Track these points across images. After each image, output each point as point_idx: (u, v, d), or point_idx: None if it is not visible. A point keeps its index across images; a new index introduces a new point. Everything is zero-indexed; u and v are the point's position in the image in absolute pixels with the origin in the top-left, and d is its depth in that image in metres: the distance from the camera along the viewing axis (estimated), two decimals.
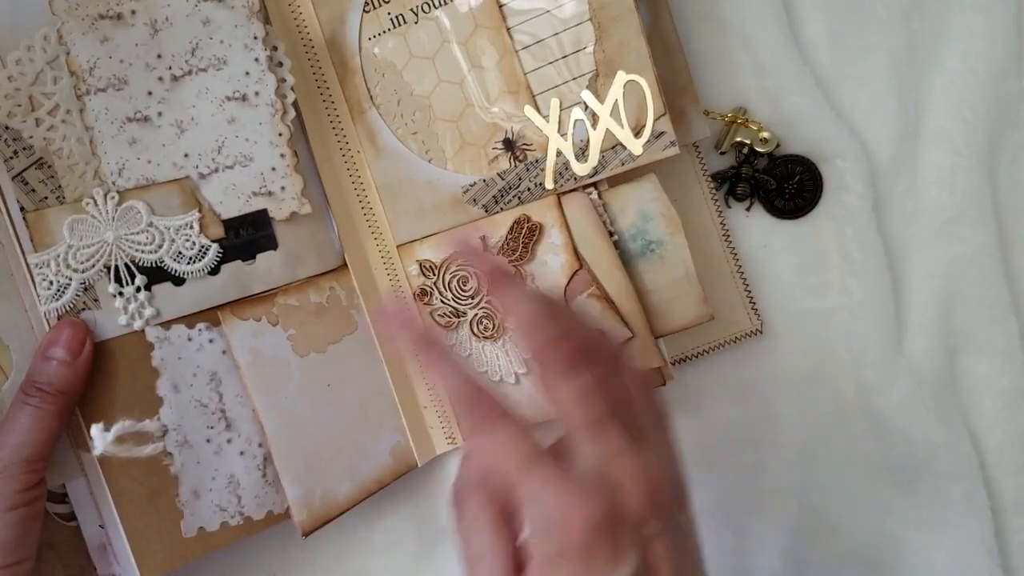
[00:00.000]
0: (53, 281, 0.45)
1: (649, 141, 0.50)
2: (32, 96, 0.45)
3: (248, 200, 0.49)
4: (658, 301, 0.52)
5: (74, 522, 0.47)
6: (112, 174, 0.46)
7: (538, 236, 0.52)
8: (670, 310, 0.52)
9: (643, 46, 0.50)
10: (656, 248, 0.52)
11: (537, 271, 0.52)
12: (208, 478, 0.47)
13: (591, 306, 0.51)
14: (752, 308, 0.55)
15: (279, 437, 0.48)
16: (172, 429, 0.46)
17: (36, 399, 0.43)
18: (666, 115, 0.50)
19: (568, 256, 0.51)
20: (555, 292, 0.51)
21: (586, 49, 0.50)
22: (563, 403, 0.37)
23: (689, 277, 0.51)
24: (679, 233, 0.51)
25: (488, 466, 0.38)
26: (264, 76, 0.49)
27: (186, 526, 0.46)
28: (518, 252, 0.52)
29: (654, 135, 0.50)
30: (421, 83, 0.52)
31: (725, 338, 0.55)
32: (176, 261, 0.47)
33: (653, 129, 0.50)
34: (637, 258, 0.52)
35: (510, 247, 0.52)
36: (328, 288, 0.52)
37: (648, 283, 0.52)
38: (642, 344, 0.51)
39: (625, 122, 0.50)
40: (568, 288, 0.51)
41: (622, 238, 0.52)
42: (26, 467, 0.43)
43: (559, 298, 0.51)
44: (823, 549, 0.56)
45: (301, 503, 0.48)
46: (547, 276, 0.52)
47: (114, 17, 0.46)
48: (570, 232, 0.51)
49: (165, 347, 0.46)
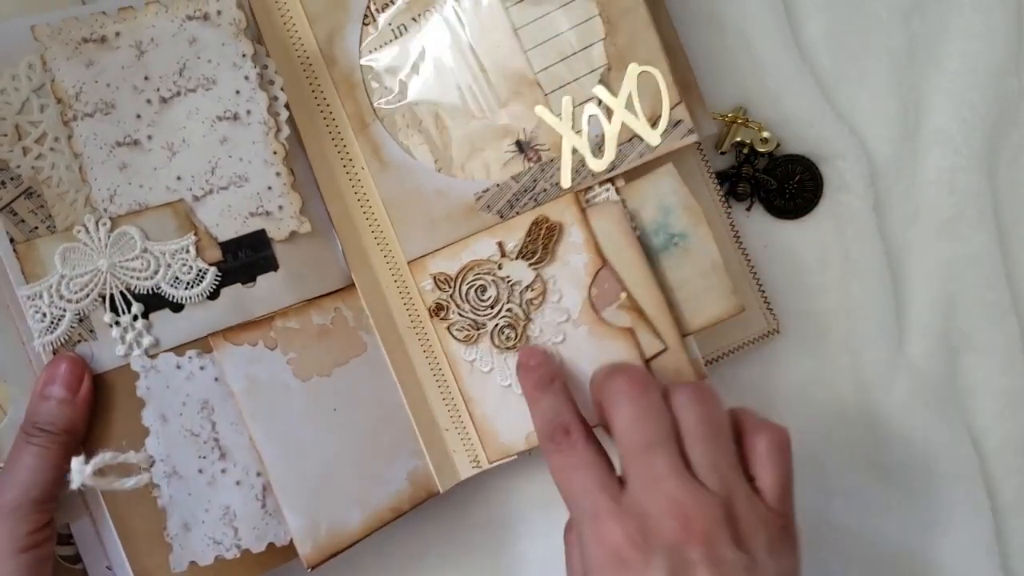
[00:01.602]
0: (46, 313, 0.43)
1: (666, 131, 0.48)
2: (19, 125, 0.44)
3: (245, 221, 0.47)
4: (686, 296, 0.50)
5: (80, 565, 0.45)
6: (103, 200, 0.45)
7: (558, 236, 0.50)
8: (699, 305, 0.49)
9: (654, 37, 0.48)
10: (679, 241, 0.49)
11: (559, 273, 0.50)
12: (201, 510, 0.45)
13: (622, 318, 0.49)
14: (768, 308, 0.54)
15: (278, 465, 0.46)
16: (160, 460, 0.44)
17: (40, 439, 0.42)
18: (682, 103, 0.48)
19: (591, 254, 0.49)
20: (580, 295, 0.50)
21: (596, 45, 0.49)
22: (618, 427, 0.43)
23: (716, 268, 0.49)
24: (702, 224, 0.49)
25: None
26: (255, 94, 0.47)
27: (175, 560, 0.44)
28: (538, 254, 0.50)
29: (671, 124, 0.48)
30: (426, 92, 0.51)
31: (743, 340, 0.53)
32: (173, 287, 0.46)
33: (670, 118, 0.48)
34: (660, 253, 0.50)
35: (530, 250, 0.50)
36: (333, 309, 0.50)
37: (673, 279, 0.50)
38: (674, 357, 0.49)
39: (641, 114, 0.49)
40: (596, 296, 0.49)
41: (644, 234, 0.50)
42: (37, 507, 0.41)
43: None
44: (823, 549, 0.55)
45: (305, 534, 0.46)
46: (570, 277, 0.50)
47: (98, 40, 0.45)
48: (591, 229, 0.49)
49: (152, 376, 0.44)
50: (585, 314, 0.49)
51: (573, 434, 0.44)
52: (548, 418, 0.46)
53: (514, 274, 0.50)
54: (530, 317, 0.50)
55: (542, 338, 0.50)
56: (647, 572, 0.39)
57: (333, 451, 0.48)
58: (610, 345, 0.49)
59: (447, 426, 0.52)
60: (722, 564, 0.38)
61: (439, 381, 0.52)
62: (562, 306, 0.50)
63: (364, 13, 0.51)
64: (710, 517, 0.39)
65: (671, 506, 0.39)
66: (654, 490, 0.40)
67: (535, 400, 0.48)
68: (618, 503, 0.41)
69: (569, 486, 0.43)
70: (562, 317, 0.50)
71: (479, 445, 0.52)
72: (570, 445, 0.44)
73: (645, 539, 0.39)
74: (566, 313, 0.50)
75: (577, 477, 0.43)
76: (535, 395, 0.48)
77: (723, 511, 0.40)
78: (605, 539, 0.40)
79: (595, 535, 0.41)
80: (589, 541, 0.41)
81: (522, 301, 0.50)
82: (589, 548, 0.41)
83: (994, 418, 0.56)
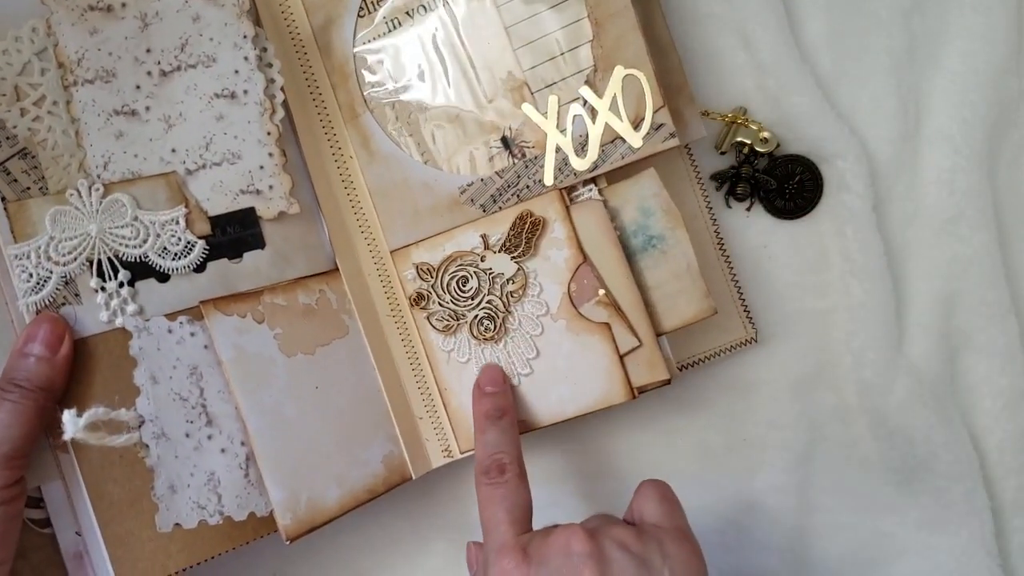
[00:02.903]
0: (33, 273, 0.43)
1: (649, 133, 0.50)
2: (18, 86, 0.44)
3: (235, 198, 0.48)
4: (660, 297, 0.51)
5: (48, 529, 0.45)
6: (97, 167, 0.45)
7: (542, 231, 0.51)
8: (673, 305, 0.51)
9: (640, 41, 0.50)
10: (657, 243, 0.50)
11: (540, 267, 0.51)
12: (186, 473, 0.45)
13: (599, 313, 0.50)
14: (747, 316, 0.55)
15: (262, 437, 0.46)
16: (149, 420, 0.44)
17: (15, 394, 0.42)
18: (664, 107, 0.50)
19: (572, 250, 0.50)
20: (560, 289, 0.50)
21: (584, 46, 0.50)
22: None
23: (691, 271, 0.50)
24: (680, 227, 0.50)
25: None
26: (253, 75, 0.48)
27: (161, 520, 0.43)
28: (521, 248, 0.51)
29: (653, 127, 0.50)
30: (417, 86, 0.52)
31: (719, 347, 0.54)
32: (161, 257, 0.46)
33: (652, 121, 0.50)
34: (639, 253, 0.51)
35: (513, 243, 0.51)
36: (318, 291, 0.50)
37: (650, 279, 0.51)
38: (647, 354, 0.50)
39: (624, 116, 0.50)
40: (575, 291, 0.50)
41: (624, 234, 0.51)
42: (6, 463, 0.41)
43: None
44: (823, 549, 0.55)
45: (285, 507, 0.46)
46: (551, 271, 0.51)
47: (104, 9, 0.45)
48: (573, 225, 0.50)
49: (144, 337, 0.45)
50: (564, 308, 0.51)
51: (507, 473, 0.46)
52: (489, 452, 0.47)
53: (496, 266, 0.51)
54: (510, 309, 0.51)
55: (520, 330, 0.51)
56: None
57: (314, 428, 0.48)
58: (587, 339, 0.50)
59: (421, 414, 0.53)
60: (609, 563, 0.40)
61: (415, 369, 0.53)
62: (542, 299, 0.51)
63: (360, 5, 0.52)
64: (596, 543, 0.41)
65: (565, 547, 0.41)
66: (557, 540, 0.42)
67: (482, 430, 0.49)
68: (522, 542, 0.43)
69: (488, 517, 0.45)
70: (541, 310, 0.51)
71: (451, 434, 0.53)
72: (502, 482, 0.46)
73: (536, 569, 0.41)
74: (545, 306, 0.51)
75: (497, 511, 0.45)
76: (483, 425, 0.49)
77: (615, 544, 0.41)
78: (506, 569, 0.42)
79: (497, 566, 0.42)
80: (492, 569, 0.43)
81: (503, 293, 0.51)
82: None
83: (994, 418, 0.56)
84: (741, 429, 0.55)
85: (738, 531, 0.55)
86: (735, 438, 0.55)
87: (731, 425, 0.55)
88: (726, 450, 0.55)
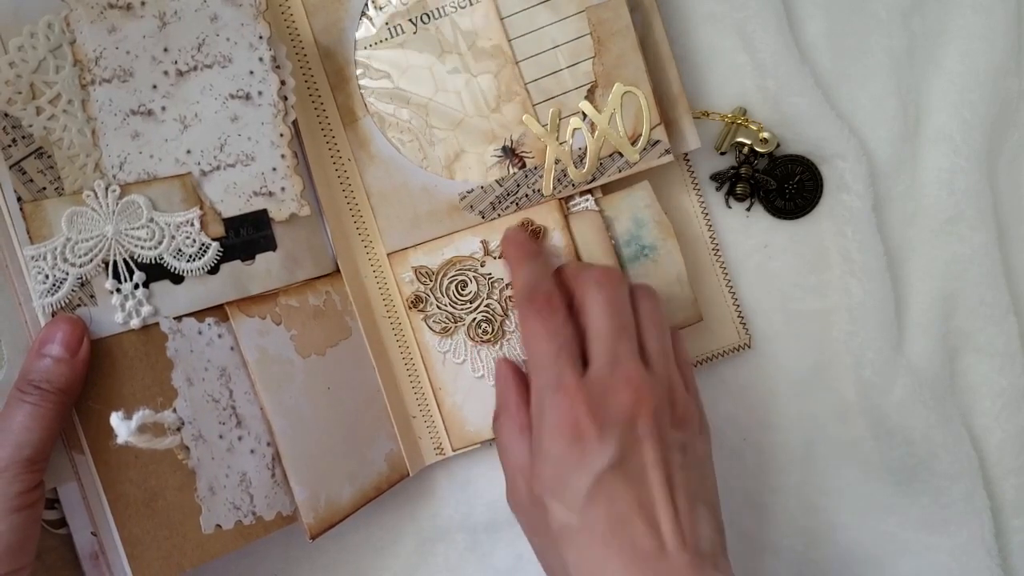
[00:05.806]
0: (49, 275, 0.43)
1: (645, 149, 0.52)
2: (33, 84, 0.43)
3: (249, 200, 0.48)
4: None
5: (64, 529, 0.45)
6: (113, 167, 0.45)
7: (542, 239, 0.52)
8: None
9: (640, 60, 0.52)
10: (649, 253, 0.53)
11: None
12: (222, 475, 0.45)
13: None
14: (741, 322, 0.56)
15: (286, 437, 0.47)
16: (188, 422, 0.44)
17: (34, 396, 0.41)
18: (661, 125, 0.52)
19: (570, 258, 0.52)
20: None
21: (585, 62, 0.52)
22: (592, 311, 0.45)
23: (680, 280, 0.53)
24: (671, 238, 0.53)
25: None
26: (268, 76, 0.48)
27: (205, 522, 0.44)
28: None
29: (650, 143, 0.52)
30: (418, 92, 0.53)
31: (713, 352, 0.56)
32: (176, 258, 0.46)
33: (649, 138, 0.52)
34: (631, 262, 0.53)
35: None
36: (324, 292, 0.51)
37: None
38: None
39: (622, 131, 0.52)
40: None
41: (617, 243, 0.53)
42: (28, 467, 0.40)
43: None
44: (823, 549, 0.56)
45: (308, 505, 0.47)
46: None
47: (123, 7, 0.45)
48: (572, 235, 0.52)
49: (178, 339, 0.45)
50: None
51: (555, 303, 0.45)
52: (532, 282, 0.47)
53: (496, 272, 0.53)
54: (507, 313, 0.53)
55: (517, 333, 0.53)
56: (600, 445, 0.41)
57: (328, 427, 0.49)
58: None
59: (415, 413, 0.54)
60: (663, 441, 0.42)
61: (409, 369, 0.54)
62: None
63: (362, 10, 0.53)
64: (658, 397, 0.43)
65: (629, 386, 0.43)
66: (616, 371, 0.43)
67: (520, 263, 0.48)
68: (582, 379, 0.43)
69: (539, 352, 0.44)
70: None
71: (444, 433, 0.54)
72: (551, 312, 0.45)
73: (602, 414, 0.42)
74: None
75: (551, 347, 0.44)
76: (521, 259, 0.49)
77: (667, 394, 0.44)
78: (566, 410, 0.42)
79: (556, 405, 0.42)
80: (549, 410, 0.43)
81: (501, 298, 0.53)
82: (547, 417, 0.43)
83: (994, 418, 0.55)
84: (741, 429, 0.56)
85: (738, 531, 0.56)
86: (735, 438, 0.56)
87: (731, 425, 0.56)
88: (726, 450, 0.56)
